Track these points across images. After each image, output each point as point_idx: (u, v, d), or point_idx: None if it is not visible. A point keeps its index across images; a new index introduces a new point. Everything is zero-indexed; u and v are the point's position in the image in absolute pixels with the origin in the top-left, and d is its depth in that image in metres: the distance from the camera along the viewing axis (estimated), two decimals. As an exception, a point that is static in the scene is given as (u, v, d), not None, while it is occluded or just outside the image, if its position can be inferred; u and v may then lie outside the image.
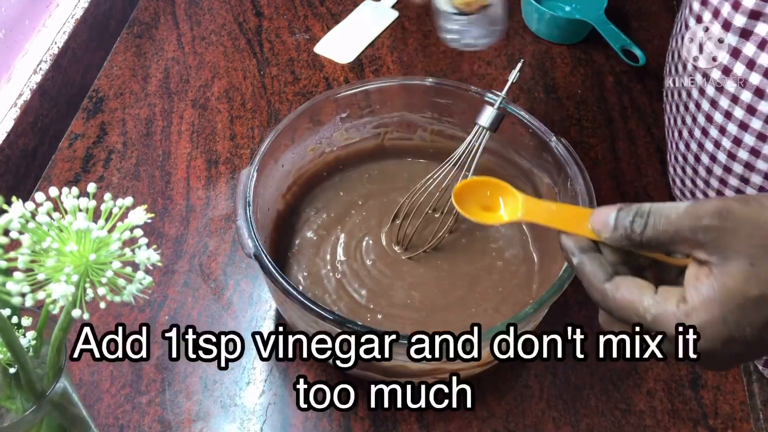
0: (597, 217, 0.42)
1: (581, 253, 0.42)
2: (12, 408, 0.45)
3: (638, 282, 0.40)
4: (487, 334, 0.54)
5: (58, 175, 0.79)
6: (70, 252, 0.37)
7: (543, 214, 0.45)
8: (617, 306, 0.40)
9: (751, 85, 0.55)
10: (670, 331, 0.39)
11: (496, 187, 0.48)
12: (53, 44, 0.83)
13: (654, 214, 0.40)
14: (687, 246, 0.39)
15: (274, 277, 0.55)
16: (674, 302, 0.38)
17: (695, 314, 0.38)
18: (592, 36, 0.96)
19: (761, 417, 0.66)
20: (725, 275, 0.37)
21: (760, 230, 0.37)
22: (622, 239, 0.41)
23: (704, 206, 0.38)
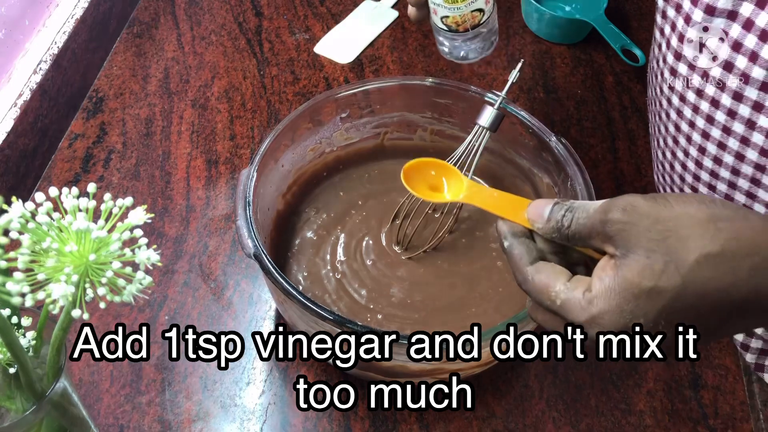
0: (533, 208, 0.45)
1: (513, 237, 0.45)
2: (12, 408, 0.45)
3: (556, 268, 0.42)
4: (487, 334, 0.54)
5: (58, 175, 0.79)
6: (70, 252, 0.37)
7: (484, 198, 0.49)
8: (535, 289, 0.42)
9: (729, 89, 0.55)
10: (573, 317, 0.40)
11: (442, 168, 0.53)
12: (53, 44, 0.83)
13: (578, 209, 0.42)
14: (599, 239, 0.41)
15: (274, 277, 0.55)
16: (581, 290, 0.40)
17: (596, 302, 0.39)
18: (592, 36, 0.96)
19: (761, 417, 0.66)
20: (624, 266, 0.39)
21: (658, 225, 0.38)
22: (553, 231, 0.43)
23: (615, 202, 0.40)
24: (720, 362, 0.67)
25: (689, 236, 0.38)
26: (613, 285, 0.39)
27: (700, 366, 0.67)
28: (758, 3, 0.52)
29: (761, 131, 0.55)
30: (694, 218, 0.38)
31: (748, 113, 0.55)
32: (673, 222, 0.38)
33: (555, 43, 0.96)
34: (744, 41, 0.53)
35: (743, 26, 0.53)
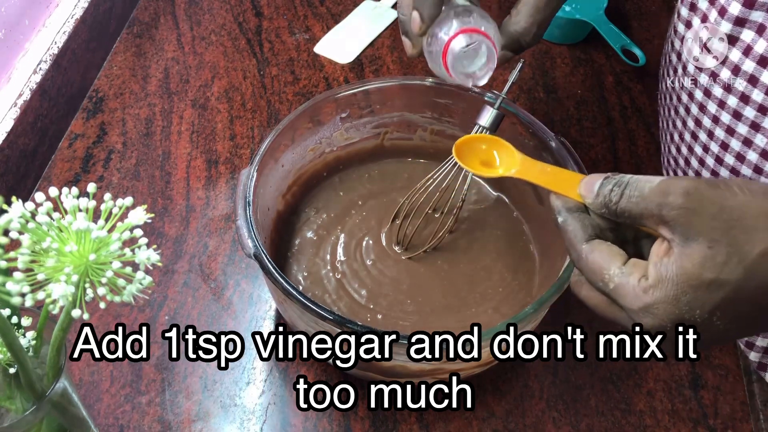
0: (585, 183, 0.43)
1: (567, 212, 0.44)
2: (12, 408, 0.45)
3: (612, 249, 0.41)
4: (487, 334, 0.54)
5: (58, 175, 0.79)
6: (70, 252, 0.37)
7: (537, 173, 0.47)
8: (588, 268, 0.42)
9: (736, 91, 0.55)
10: (626, 303, 0.40)
11: (494, 144, 0.52)
12: (53, 44, 0.83)
13: (630, 186, 0.41)
14: (653, 221, 0.39)
15: (274, 277, 0.55)
16: (637, 276, 0.39)
17: (652, 291, 0.38)
18: (592, 36, 0.96)
19: (761, 417, 0.66)
20: (684, 256, 0.38)
21: (723, 214, 0.37)
22: (602, 206, 0.42)
23: (675, 184, 0.39)
24: (720, 362, 0.67)
25: (755, 228, 0.37)
26: (671, 275, 0.38)
27: (700, 366, 0.67)
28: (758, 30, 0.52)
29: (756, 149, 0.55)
30: (760, 209, 0.37)
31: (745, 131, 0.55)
32: (738, 211, 0.37)
33: (555, 43, 0.96)
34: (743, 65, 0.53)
35: None
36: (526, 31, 0.56)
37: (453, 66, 0.56)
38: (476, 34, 0.55)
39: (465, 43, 0.54)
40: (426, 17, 0.55)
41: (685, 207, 0.38)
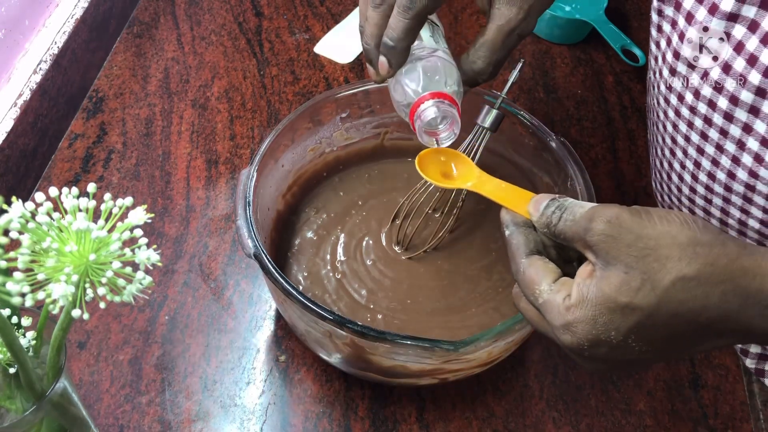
0: (534, 201, 0.46)
1: (513, 226, 0.46)
2: (12, 408, 0.45)
3: (548, 266, 0.43)
4: (487, 334, 0.54)
5: (58, 175, 0.79)
6: (70, 252, 0.37)
7: (492, 188, 0.50)
8: (524, 281, 0.44)
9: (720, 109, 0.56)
10: (550, 319, 0.42)
11: (453, 157, 0.55)
12: (53, 44, 0.83)
13: (567, 209, 0.43)
14: (581, 245, 0.42)
15: (274, 277, 0.55)
16: (563, 294, 0.41)
17: (573, 310, 0.41)
18: (592, 36, 0.96)
19: (761, 417, 0.66)
20: (603, 279, 0.40)
21: (640, 242, 0.39)
22: (544, 226, 0.44)
23: (600, 211, 0.41)
24: (720, 362, 0.67)
25: (668, 257, 0.39)
26: (590, 296, 0.40)
27: (700, 366, 0.67)
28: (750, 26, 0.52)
29: (750, 153, 0.55)
30: (675, 239, 0.39)
31: (738, 134, 0.56)
32: (654, 241, 0.39)
33: (555, 43, 0.96)
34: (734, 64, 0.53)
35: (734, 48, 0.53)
36: (482, 71, 0.58)
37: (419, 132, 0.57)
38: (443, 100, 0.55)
39: (433, 115, 0.55)
40: (394, 65, 0.56)
41: (606, 233, 0.40)
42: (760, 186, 0.56)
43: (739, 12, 0.52)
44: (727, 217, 0.61)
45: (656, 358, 0.42)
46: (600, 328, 0.40)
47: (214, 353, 0.66)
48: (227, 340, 0.67)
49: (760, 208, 0.58)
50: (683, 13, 0.57)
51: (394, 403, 0.64)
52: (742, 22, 0.52)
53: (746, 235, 0.61)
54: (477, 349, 0.55)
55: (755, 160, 0.55)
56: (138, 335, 0.67)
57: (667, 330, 0.40)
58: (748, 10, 0.52)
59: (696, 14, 0.55)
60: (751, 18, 0.52)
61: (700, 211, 0.64)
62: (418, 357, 0.56)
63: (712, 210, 0.62)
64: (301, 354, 0.66)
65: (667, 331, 0.40)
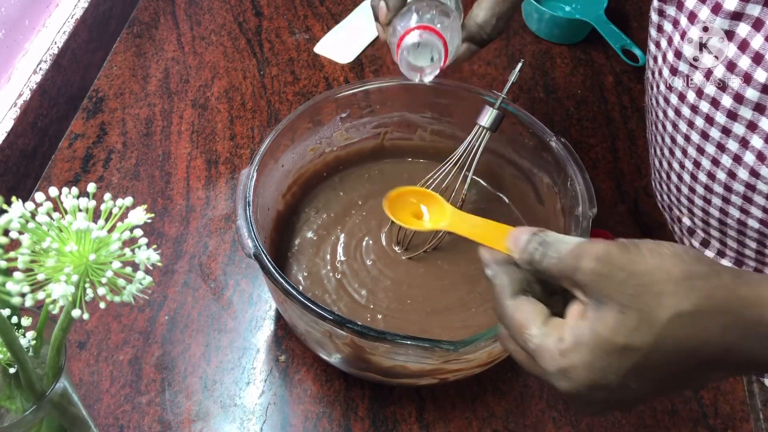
0: (512, 237, 0.43)
1: (495, 265, 0.44)
2: (12, 408, 0.45)
3: (535, 307, 0.41)
4: (487, 334, 0.54)
5: (58, 175, 0.79)
6: (70, 252, 0.37)
7: (468, 227, 0.48)
8: (512, 325, 0.41)
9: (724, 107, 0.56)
10: (544, 365, 0.40)
11: (425, 197, 0.53)
12: (53, 44, 0.83)
13: (551, 246, 0.41)
14: (569, 283, 0.40)
15: (274, 277, 0.55)
16: (555, 338, 0.39)
17: (568, 355, 0.39)
18: (592, 36, 0.96)
19: (761, 417, 0.66)
20: (597, 320, 0.38)
21: (633, 279, 0.38)
22: (526, 264, 0.42)
23: (588, 248, 0.39)
24: (720, 362, 0.67)
25: (663, 293, 0.37)
26: (585, 339, 0.38)
27: (700, 366, 0.67)
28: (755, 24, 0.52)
29: (753, 151, 0.55)
30: (669, 274, 0.38)
31: (742, 132, 0.56)
32: (647, 277, 0.38)
33: (555, 43, 0.96)
34: (738, 62, 0.53)
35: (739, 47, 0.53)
36: (485, 23, 0.58)
37: (402, 59, 0.58)
38: (429, 32, 0.56)
39: (415, 40, 0.56)
40: (391, 7, 0.58)
41: (596, 272, 0.38)
42: (760, 185, 0.56)
43: (744, 10, 0.52)
44: (726, 217, 0.61)
45: (656, 395, 0.40)
46: (598, 372, 0.38)
47: (214, 353, 0.66)
48: (227, 340, 0.67)
49: (760, 207, 0.58)
50: (685, 12, 0.57)
51: (394, 403, 0.64)
52: (747, 20, 0.52)
53: (745, 235, 0.61)
54: (477, 349, 0.55)
55: (758, 158, 0.55)
56: (138, 335, 0.67)
57: (667, 368, 0.38)
58: (752, 9, 0.52)
59: (699, 13, 0.55)
60: (756, 16, 0.52)
61: (699, 211, 0.64)
62: (418, 357, 0.56)
63: (711, 210, 0.62)
64: (301, 354, 0.66)
65: (667, 369, 0.38)
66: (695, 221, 0.66)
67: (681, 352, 0.37)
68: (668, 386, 0.40)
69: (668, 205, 0.70)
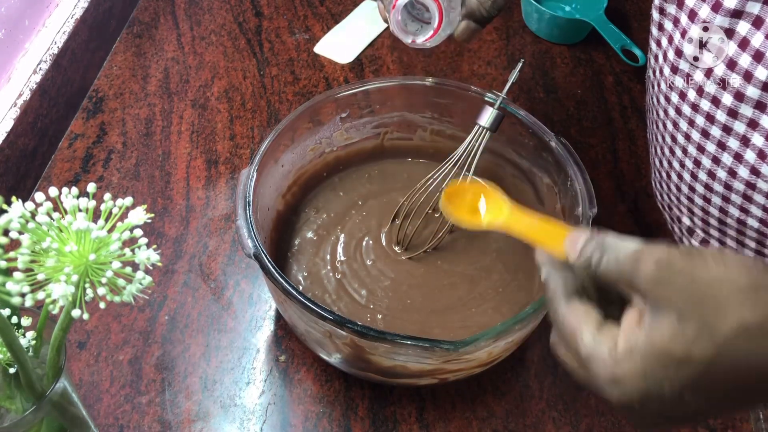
0: (569, 240, 0.42)
1: (550, 267, 0.42)
2: (12, 408, 0.45)
3: (589, 312, 0.40)
4: (487, 334, 0.54)
5: (58, 175, 0.79)
6: (70, 252, 0.37)
7: (524, 227, 0.46)
8: (564, 330, 0.40)
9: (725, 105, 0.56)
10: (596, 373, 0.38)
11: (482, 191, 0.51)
12: (53, 44, 0.83)
13: (609, 250, 0.39)
14: (627, 288, 0.39)
15: (274, 277, 0.55)
16: (608, 345, 0.38)
17: (621, 363, 0.37)
18: (592, 36, 0.96)
19: (761, 417, 0.66)
20: (653, 329, 0.37)
21: (694, 286, 0.36)
22: (584, 267, 0.41)
23: (648, 252, 0.38)
24: (720, 362, 0.67)
25: (728, 303, 0.35)
26: (640, 347, 0.36)
27: (700, 366, 0.67)
28: (754, 22, 0.52)
29: (754, 149, 0.55)
30: (733, 283, 0.35)
31: (743, 130, 0.56)
32: (710, 285, 0.36)
33: (555, 43, 0.96)
34: (739, 60, 0.53)
35: (739, 45, 0.53)
36: None
37: (393, 20, 0.57)
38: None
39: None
40: None
41: (656, 277, 0.37)
42: (761, 184, 0.56)
43: (744, 8, 0.52)
44: (725, 217, 0.61)
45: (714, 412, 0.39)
46: (651, 382, 0.36)
47: (214, 353, 0.66)
48: (227, 340, 0.67)
49: (760, 206, 0.58)
50: (686, 10, 0.57)
51: (394, 403, 0.64)
52: (747, 18, 0.52)
53: (745, 235, 0.61)
54: (477, 349, 0.55)
55: (758, 156, 0.55)
56: (138, 335, 0.67)
57: (727, 384, 0.36)
58: (752, 6, 0.52)
59: (699, 11, 0.55)
60: (756, 14, 0.52)
61: (698, 210, 0.64)
62: (418, 357, 0.56)
63: (711, 209, 0.62)
64: (301, 354, 0.66)
65: (727, 385, 0.36)
66: (695, 220, 0.66)
67: (743, 368, 0.35)
68: (727, 403, 0.38)
69: (668, 205, 0.70)
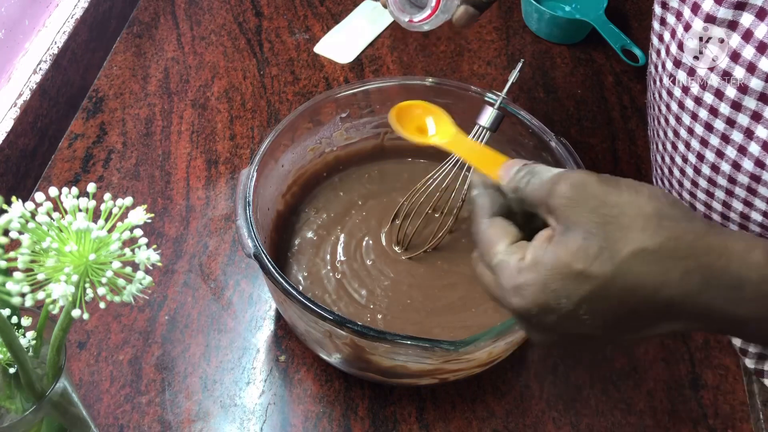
0: (506, 166, 0.44)
1: (482, 187, 0.44)
2: (12, 408, 0.45)
3: (508, 228, 0.42)
4: (487, 334, 0.54)
5: (58, 175, 0.79)
6: (70, 252, 0.37)
7: (466, 149, 0.49)
8: (482, 242, 0.42)
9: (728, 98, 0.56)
10: (502, 282, 0.40)
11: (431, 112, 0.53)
12: (53, 44, 0.83)
13: (536, 174, 0.41)
14: (544, 209, 0.40)
15: (274, 277, 0.55)
16: (517, 257, 0.40)
17: (524, 273, 0.39)
18: (592, 36, 0.96)
19: (761, 417, 0.66)
20: (560, 244, 0.38)
21: (603, 208, 0.37)
22: (512, 190, 0.42)
23: (566, 175, 0.40)
24: (720, 362, 0.67)
25: (630, 227, 0.37)
26: (544, 259, 0.38)
27: (700, 366, 0.67)
28: (758, 14, 0.51)
29: (758, 141, 0.55)
30: (640, 210, 0.37)
31: (747, 123, 0.55)
32: (618, 209, 0.37)
33: (555, 43, 0.96)
34: (743, 52, 0.53)
35: (743, 36, 0.53)
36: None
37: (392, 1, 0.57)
38: None
39: None
40: None
41: (569, 197, 0.38)
42: (765, 176, 0.56)
43: (748, 0, 0.52)
44: (729, 211, 0.61)
45: (607, 336, 0.40)
46: (550, 294, 0.38)
47: (214, 353, 0.66)
48: (227, 340, 0.67)
49: (765, 199, 0.58)
50: (689, 4, 0.56)
51: (394, 403, 0.64)
52: (750, 10, 0.52)
53: (748, 229, 0.61)
54: (477, 349, 0.55)
55: (763, 148, 0.55)
56: (138, 335, 0.67)
57: (620, 304, 0.38)
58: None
59: (702, 4, 0.55)
60: (760, 5, 0.51)
61: (701, 205, 0.64)
62: (418, 357, 0.56)
63: (714, 204, 0.62)
64: (301, 354, 0.66)
65: (620, 305, 0.38)
66: None
67: (637, 290, 0.37)
68: (620, 327, 0.39)
69: None
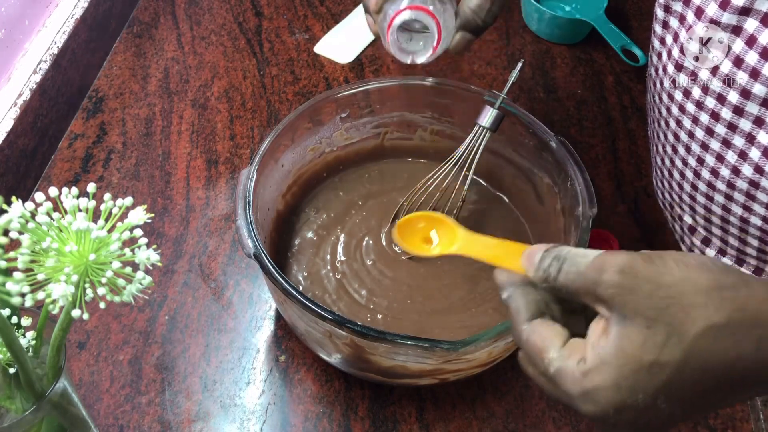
0: (527, 255, 0.41)
1: (511, 287, 0.42)
2: (12, 408, 0.45)
3: (552, 329, 0.39)
4: (487, 334, 0.54)
5: (58, 175, 0.79)
6: (70, 252, 0.37)
7: (480, 248, 0.47)
8: (530, 350, 0.40)
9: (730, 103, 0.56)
10: (567, 389, 0.38)
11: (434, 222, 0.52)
12: (53, 44, 0.83)
13: (567, 260, 0.39)
14: (590, 299, 0.38)
15: (274, 277, 0.55)
16: (575, 359, 0.37)
17: (591, 376, 0.37)
18: (592, 36, 0.96)
19: (761, 417, 0.66)
20: (622, 337, 0.36)
21: (660, 291, 0.36)
22: (542, 281, 0.40)
23: (610, 260, 0.37)
24: (720, 362, 0.67)
25: (693, 305, 0.35)
26: (609, 358, 0.36)
27: (700, 366, 0.67)
28: (763, 20, 0.51)
29: (759, 147, 0.55)
30: (696, 285, 0.36)
31: (748, 128, 0.55)
32: (674, 288, 0.36)
33: (555, 43, 0.96)
34: (746, 57, 0.53)
35: (746, 42, 0.53)
36: (479, 7, 0.57)
37: (392, 41, 0.56)
38: (422, 12, 0.55)
39: (407, 17, 0.54)
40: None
41: (621, 285, 0.36)
42: (764, 182, 0.56)
43: (752, 5, 0.52)
44: (728, 215, 0.61)
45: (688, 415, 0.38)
46: (625, 392, 0.36)
47: (214, 353, 0.66)
48: (227, 340, 0.67)
49: (763, 205, 0.58)
50: (692, 8, 0.56)
51: (394, 403, 0.64)
52: (755, 15, 0.52)
53: (747, 233, 0.61)
54: (477, 349, 0.55)
55: (763, 154, 0.55)
56: (138, 335, 0.67)
57: (698, 386, 0.36)
58: (761, 4, 0.51)
59: (706, 9, 0.55)
60: (764, 11, 0.51)
61: (701, 208, 0.64)
62: (418, 357, 0.56)
63: (714, 207, 0.62)
64: (301, 354, 0.66)
65: (698, 386, 0.36)
66: (697, 219, 0.66)
67: (713, 368, 0.35)
68: (700, 405, 0.37)
69: (669, 203, 0.70)
